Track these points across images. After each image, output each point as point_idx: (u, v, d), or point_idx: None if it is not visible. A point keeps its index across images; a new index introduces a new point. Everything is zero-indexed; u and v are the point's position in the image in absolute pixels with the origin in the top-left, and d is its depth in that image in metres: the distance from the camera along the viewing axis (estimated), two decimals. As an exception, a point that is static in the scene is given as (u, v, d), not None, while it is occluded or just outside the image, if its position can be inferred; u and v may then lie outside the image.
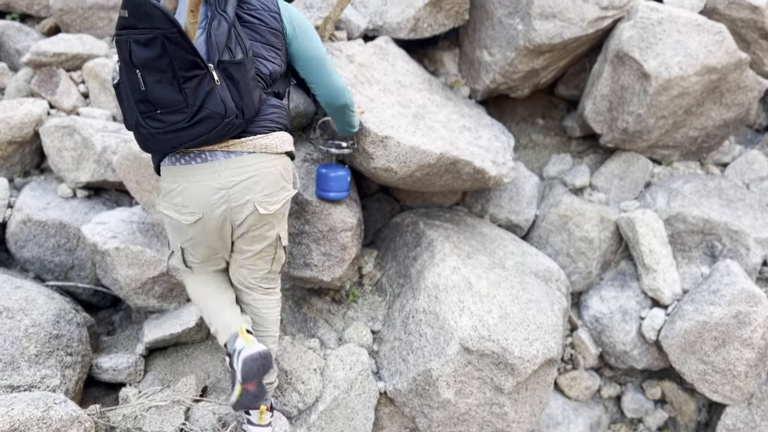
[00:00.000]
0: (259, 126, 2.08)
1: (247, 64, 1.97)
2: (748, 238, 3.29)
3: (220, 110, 1.86)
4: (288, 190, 2.21)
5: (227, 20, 1.90)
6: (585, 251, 3.54)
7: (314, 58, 2.25)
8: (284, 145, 2.17)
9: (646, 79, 3.43)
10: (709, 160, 4.02)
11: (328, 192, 2.82)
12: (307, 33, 2.24)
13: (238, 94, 1.92)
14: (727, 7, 3.61)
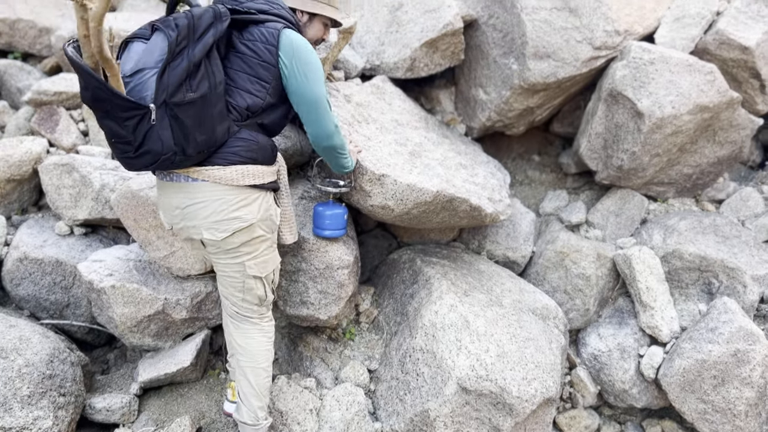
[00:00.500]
0: (219, 158, 2.14)
1: (212, 98, 2.03)
2: (745, 275, 3.29)
3: (158, 148, 1.95)
4: (242, 221, 2.21)
5: (189, 59, 1.94)
6: (582, 288, 3.53)
7: (308, 98, 2.24)
8: (243, 179, 2.18)
9: (640, 118, 3.48)
10: (704, 196, 4.05)
11: (324, 230, 2.83)
12: (306, 72, 2.21)
13: (181, 132, 1.97)
14: (717, 47, 3.67)
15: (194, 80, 1.96)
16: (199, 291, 3.01)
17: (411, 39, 3.74)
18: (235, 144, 2.16)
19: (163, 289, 2.95)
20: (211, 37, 2.02)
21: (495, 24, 3.86)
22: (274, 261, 2.47)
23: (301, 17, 2.47)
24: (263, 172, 2.26)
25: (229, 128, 2.14)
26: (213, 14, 2.05)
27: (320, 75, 2.25)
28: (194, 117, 1.98)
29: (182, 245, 2.91)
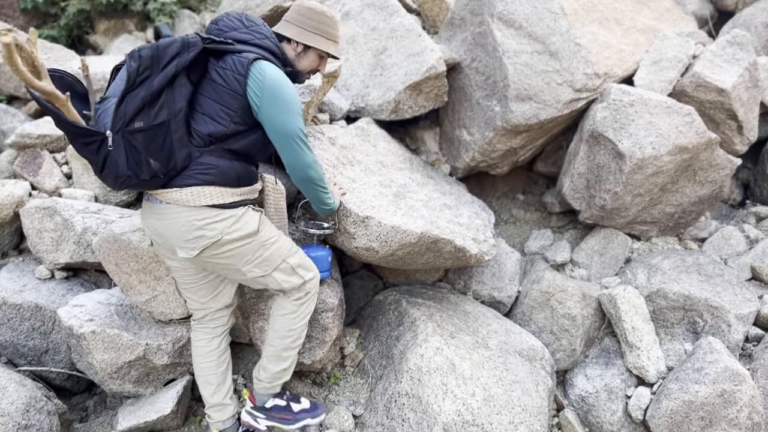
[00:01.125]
0: (178, 181, 2.23)
1: (172, 126, 2.12)
2: (729, 314, 3.30)
3: (114, 172, 2.07)
4: (207, 238, 2.28)
5: (148, 88, 2.04)
6: (568, 328, 3.52)
7: (280, 130, 2.27)
8: (199, 200, 2.25)
9: (621, 159, 3.53)
10: (687, 235, 4.09)
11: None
12: (276, 105, 2.25)
13: (134, 158, 2.07)
14: (694, 89, 3.76)
15: (153, 108, 2.06)
16: (181, 336, 2.96)
17: (395, 82, 3.79)
18: (193, 168, 2.24)
19: (145, 334, 2.90)
20: (173, 67, 2.09)
21: (477, 67, 3.93)
22: (280, 252, 2.51)
23: (296, 47, 2.52)
24: (222, 192, 2.29)
25: (190, 154, 2.22)
26: (181, 44, 2.11)
27: (293, 107, 2.27)
28: (149, 144, 2.08)
29: (164, 290, 2.88)
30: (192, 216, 2.26)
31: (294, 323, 2.64)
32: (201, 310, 2.72)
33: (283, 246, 2.54)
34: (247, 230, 2.37)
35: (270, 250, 2.47)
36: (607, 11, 4.09)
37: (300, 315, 2.64)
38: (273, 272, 2.50)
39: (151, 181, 2.17)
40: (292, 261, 2.55)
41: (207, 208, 2.27)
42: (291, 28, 2.50)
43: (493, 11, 3.82)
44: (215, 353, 2.75)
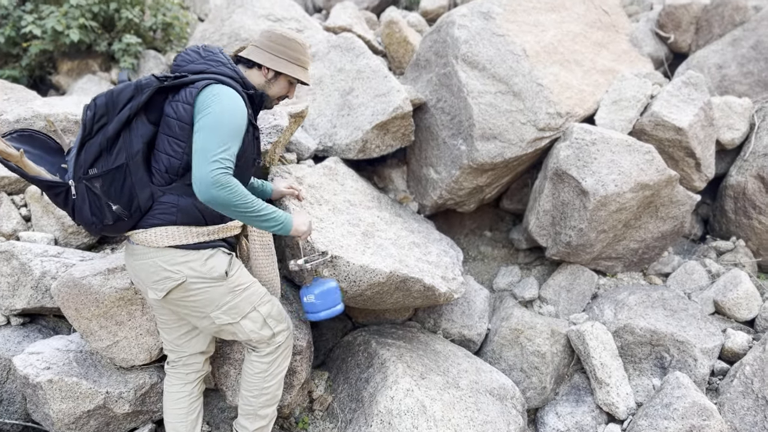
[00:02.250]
0: (144, 221, 2.25)
1: (131, 167, 2.14)
2: (695, 348, 3.34)
3: (81, 219, 2.18)
4: (173, 279, 2.26)
5: (105, 135, 2.08)
6: (538, 366, 3.52)
7: (196, 142, 2.10)
8: (162, 240, 2.24)
9: (585, 196, 3.59)
10: (651, 270, 4.16)
11: (317, 312, 2.59)
12: (202, 119, 2.12)
13: (97, 204, 2.14)
14: (653, 128, 3.87)
15: (112, 154, 2.10)
16: (143, 382, 2.86)
17: (362, 122, 3.82)
18: (155, 208, 2.24)
19: (105, 382, 2.80)
20: (127, 110, 2.10)
21: (443, 107, 3.99)
22: (250, 299, 2.43)
23: (267, 73, 2.47)
24: (185, 232, 2.26)
25: (152, 194, 2.23)
26: (134, 88, 2.12)
27: (220, 124, 2.11)
28: (109, 188, 2.12)
29: (126, 335, 2.79)
30: (158, 257, 2.25)
31: (267, 382, 2.56)
32: (175, 352, 2.63)
33: (254, 293, 2.46)
34: (214, 274, 2.31)
35: (240, 297, 2.40)
36: (568, 53, 4.22)
37: (272, 374, 2.56)
38: (242, 320, 2.42)
39: (116, 225, 2.20)
40: (262, 310, 2.47)
41: (171, 249, 2.25)
42: (261, 54, 2.45)
43: (457, 53, 3.90)
44: (186, 400, 2.64)
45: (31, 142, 2.30)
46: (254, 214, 2.17)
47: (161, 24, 5.41)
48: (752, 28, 4.97)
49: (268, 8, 4.94)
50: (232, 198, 2.07)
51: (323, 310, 2.58)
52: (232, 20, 4.77)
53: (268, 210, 2.22)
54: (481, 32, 4.00)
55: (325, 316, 2.58)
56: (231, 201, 2.07)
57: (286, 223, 2.30)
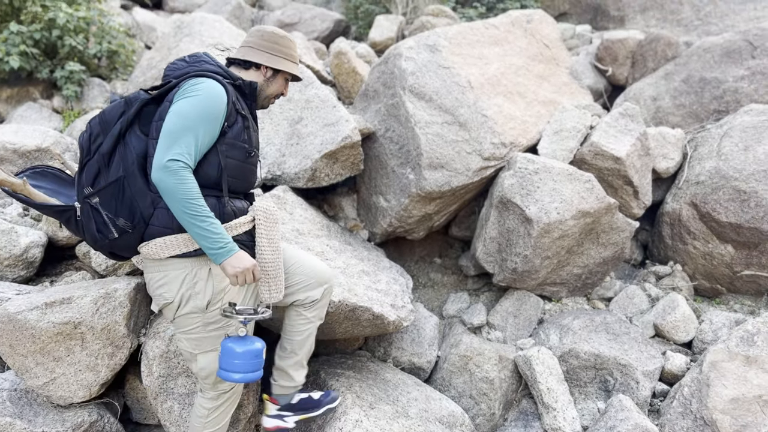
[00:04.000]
0: (146, 234, 2.20)
1: (129, 179, 2.12)
2: (636, 371, 3.44)
3: (89, 238, 2.20)
4: (164, 299, 2.25)
5: (101, 153, 2.13)
6: (487, 392, 3.55)
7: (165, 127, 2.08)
8: (162, 251, 2.18)
9: (529, 223, 3.68)
10: (595, 295, 4.27)
11: (233, 372, 2.18)
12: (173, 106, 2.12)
13: (101, 221, 2.15)
14: (593, 157, 4.02)
15: (110, 169, 2.13)
16: (82, 421, 2.75)
17: (311, 151, 3.84)
18: (155, 215, 2.18)
19: (41, 421, 2.68)
20: (118, 125, 2.14)
21: (392, 137, 4.05)
22: (216, 344, 2.32)
23: (266, 72, 2.48)
24: (184, 240, 2.17)
25: (152, 201, 2.16)
26: (123, 103, 2.19)
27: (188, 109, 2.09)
28: (109, 203, 2.13)
29: (64, 371, 2.69)
30: (154, 273, 2.27)
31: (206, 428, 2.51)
32: None
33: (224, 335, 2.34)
34: (194, 303, 2.23)
35: (209, 334, 2.31)
36: (511, 85, 4.36)
37: (213, 421, 2.50)
38: (199, 355, 2.34)
39: (122, 239, 2.18)
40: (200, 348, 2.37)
41: (168, 264, 2.21)
42: (257, 53, 2.45)
43: (405, 84, 3.98)
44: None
45: (45, 178, 2.39)
46: (196, 218, 2.04)
47: (106, 51, 5.33)
48: (683, 63, 5.26)
49: (216, 37, 4.94)
50: (179, 188, 2.00)
51: (240, 372, 2.18)
52: (179, 48, 4.74)
53: (213, 227, 2.08)
54: (428, 64, 4.10)
55: (239, 379, 2.18)
56: (176, 190, 2.00)
57: (223, 253, 2.11)
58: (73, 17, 4.89)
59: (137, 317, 3.02)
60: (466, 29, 4.55)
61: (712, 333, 3.70)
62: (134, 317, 2.97)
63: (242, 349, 2.17)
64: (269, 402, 2.73)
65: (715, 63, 5.00)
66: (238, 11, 8.09)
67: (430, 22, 6.39)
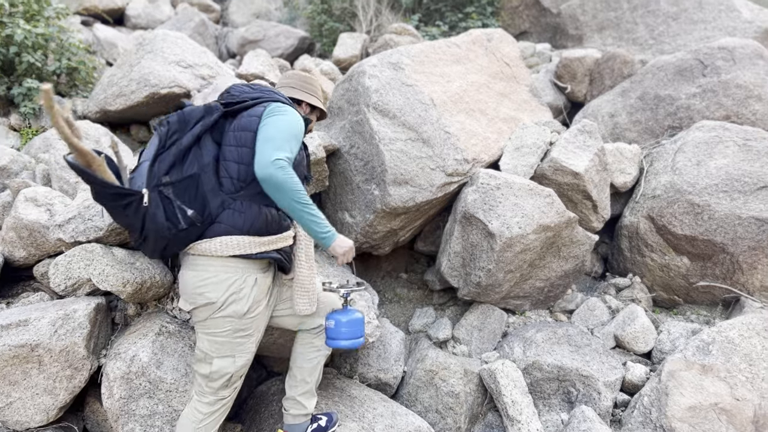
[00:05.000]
0: (210, 230, 2.34)
1: (203, 177, 2.31)
2: (598, 382, 3.51)
3: (154, 226, 2.21)
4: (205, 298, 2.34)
5: (178, 147, 2.28)
6: (453, 406, 3.57)
7: (263, 134, 2.34)
8: (225, 250, 2.33)
9: (492, 238, 3.74)
10: (557, 308, 4.35)
11: (339, 340, 2.60)
12: (269, 119, 2.39)
13: (171, 209, 2.24)
14: (553, 173, 4.11)
15: (184, 165, 2.29)
16: (38, 446, 2.68)
17: (275, 168, 3.83)
18: (224, 216, 2.35)
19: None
20: (200, 127, 2.34)
21: (356, 153, 4.08)
22: (239, 347, 2.46)
23: (305, 108, 2.89)
24: (249, 242, 2.36)
25: (223, 202, 2.35)
26: (204, 109, 2.40)
27: (284, 125, 2.37)
28: (183, 194, 2.26)
29: (20, 395, 2.62)
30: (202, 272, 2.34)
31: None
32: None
33: (247, 343, 2.49)
34: (235, 308, 2.38)
35: (235, 341, 2.45)
36: (473, 102, 4.44)
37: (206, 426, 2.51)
38: (216, 358, 2.44)
39: (187, 230, 2.28)
40: (239, 361, 2.48)
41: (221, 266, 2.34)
42: (298, 92, 2.83)
43: (369, 102, 4.02)
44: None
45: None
46: (307, 209, 2.32)
47: (66, 68, 5.25)
48: (638, 81, 5.43)
49: (179, 54, 4.92)
50: (289, 181, 2.24)
51: (346, 339, 2.60)
52: (141, 65, 4.71)
53: (319, 214, 2.39)
54: (391, 82, 4.15)
55: (346, 345, 2.60)
56: (287, 184, 2.24)
57: (331, 236, 2.43)
58: (31, 34, 4.81)
59: (97, 338, 2.96)
60: (429, 48, 4.62)
61: (670, 343, 3.80)
62: (94, 338, 2.92)
63: (347, 318, 2.59)
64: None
65: (669, 81, 5.18)
66: (201, 28, 8.07)
67: (394, 40, 6.48)
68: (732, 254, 3.92)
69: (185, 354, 2.92)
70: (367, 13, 7.61)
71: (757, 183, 3.97)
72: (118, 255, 3.02)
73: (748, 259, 3.89)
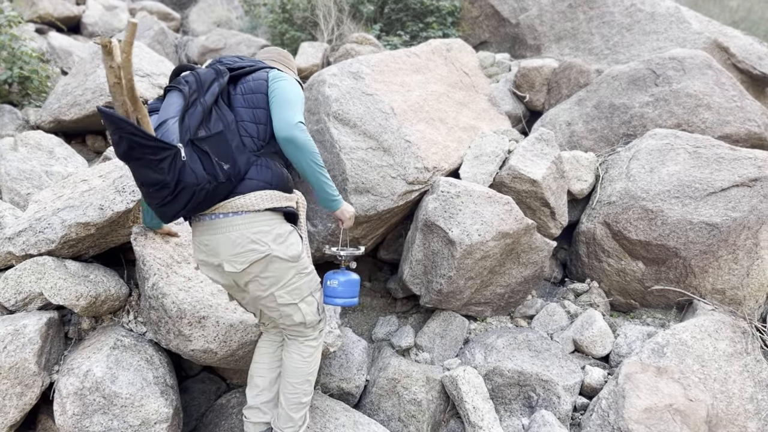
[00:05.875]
0: (241, 187, 2.40)
1: (228, 134, 2.36)
2: (557, 386, 3.56)
3: (193, 180, 2.20)
4: (258, 252, 2.40)
5: (203, 105, 2.33)
6: (415, 414, 3.57)
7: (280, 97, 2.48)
8: (262, 203, 2.41)
9: (452, 245, 3.77)
10: (517, 313, 4.40)
11: (335, 298, 2.80)
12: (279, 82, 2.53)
13: (210, 162, 2.26)
14: (511, 180, 4.17)
15: (210, 122, 2.33)
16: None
17: (234, 177, 3.80)
18: (253, 172, 2.43)
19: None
20: (217, 87, 2.43)
21: (316, 162, 4.07)
22: (310, 285, 2.65)
23: None
24: (279, 196, 2.48)
25: (248, 159, 2.43)
26: (215, 72, 2.48)
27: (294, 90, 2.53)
28: (216, 149, 2.30)
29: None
30: (247, 228, 2.40)
31: (311, 366, 2.77)
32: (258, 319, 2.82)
33: (313, 279, 2.69)
34: (291, 253, 2.49)
35: (303, 280, 2.60)
36: (433, 111, 4.49)
37: (315, 359, 2.78)
38: (300, 303, 2.60)
39: (225, 185, 2.33)
40: (317, 296, 2.71)
41: (263, 218, 2.42)
42: (280, 66, 2.82)
43: (329, 111, 4.02)
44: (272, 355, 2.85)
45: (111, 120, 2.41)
46: (322, 171, 2.54)
47: (17, 77, 5.12)
48: (594, 90, 5.56)
49: (136, 63, 4.85)
50: (309, 143, 2.43)
51: (342, 297, 2.80)
52: (96, 75, 4.62)
53: (330, 178, 2.62)
54: (351, 91, 4.16)
55: (341, 303, 2.82)
56: (308, 145, 2.42)
57: (340, 200, 2.75)
58: (-19, 42, 4.69)
59: (49, 353, 2.89)
60: (389, 57, 4.66)
61: (626, 346, 3.88)
62: (46, 354, 2.84)
63: (344, 278, 2.80)
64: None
65: (623, 90, 5.32)
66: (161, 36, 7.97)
67: (355, 50, 6.50)
68: (684, 258, 4.03)
69: (141, 368, 2.86)
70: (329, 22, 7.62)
71: (707, 189, 4.10)
72: (71, 268, 2.95)
73: (700, 263, 4.01)
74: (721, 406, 3.38)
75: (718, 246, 3.96)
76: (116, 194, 3.05)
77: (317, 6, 7.79)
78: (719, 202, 4.03)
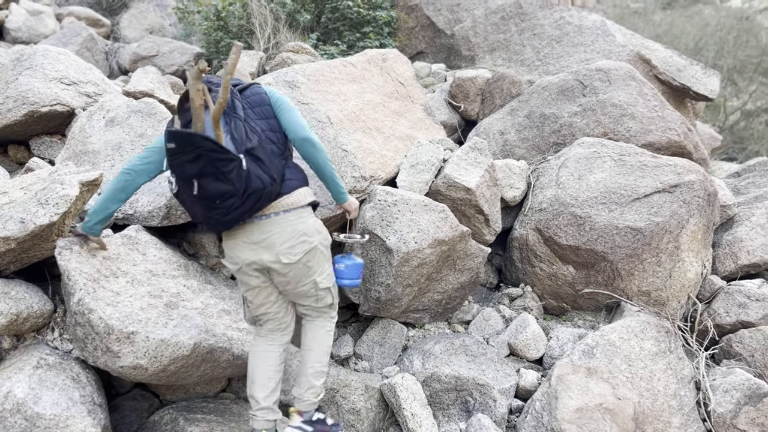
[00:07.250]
0: (285, 187, 2.71)
1: (263, 143, 2.61)
2: (493, 390, 3.63)
3: (259, 185, 2.50)
4: (308, 243, 2.74)
5: (240, 119, 2.58)
6: (354, 423, 3.57)
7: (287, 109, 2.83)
8: (305, 198, 2.79)
9: (390, 253, 3.80)
10: (455, 319, 4.47)
11: (341, 279, 3.16)
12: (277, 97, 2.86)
13: (266, 166, 2.53)
14: (447, 189, 4.24)
15: (249, 134, 2.55)
16: None
17: (166, 188, 3.71)
18: (288, 173, 2.77)
19: None
20: (239, 103, 2.66)
21: (251, 172, 4.02)
22: (331, 271, 3.02)
23: None
24: (311, 192, 2.88)
25: (280, 163, 2.72)
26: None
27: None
28: (264, 156, 2.55)
29: None
30: (295, 223, 2.70)
31: (331, 339, 3.09)
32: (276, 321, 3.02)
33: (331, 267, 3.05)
34: (327, 243, 2.90)
35: (330, 268, 3.00)
36: (369, 121, 4.51)
37: (333, 331, 3.11)
38: (332, 287, 2.98)
39: (275, 187, 2.62)
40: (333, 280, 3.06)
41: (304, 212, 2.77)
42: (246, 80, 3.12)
43: (263, 119, 3.98)
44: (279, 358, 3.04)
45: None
46: (333, 167, 3.00)
47: (-68, 83, 4.84)
48: (525, 100, 5.73)
49: (61, 71, 4.67)
50: (319, 141, 2.87)
51: (348, 279, 3.20)
52: (18, 83, 4.42)
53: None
54: (286, 100, 4.13)
55: (348, 284, 3.22)
56: (321, 145, 2.89)
57: (346, 193, 3.22)
58: None
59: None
60: (325, 67, 4.66)
61: (559, 348, 4.00)
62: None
63: (350, 262, 3.22)
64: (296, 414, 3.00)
65: (553, 100, 5.50)
66: (89, 43, 7.71)
67: (291, 59, 6.48)
68: (612, 262, 4.19)
69: (67, 387, 2.74)
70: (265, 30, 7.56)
71: (632, 195, 4.29)
72: (-10, 285, 2.81)
73: (626, 266, 4.18)
74: (647, 404, 3.53)
75: (642, 250, 4.14)
76: (39, 207, 2.92)
77: (253, 14, 7.71)
78: (643, 208, 4.23)
